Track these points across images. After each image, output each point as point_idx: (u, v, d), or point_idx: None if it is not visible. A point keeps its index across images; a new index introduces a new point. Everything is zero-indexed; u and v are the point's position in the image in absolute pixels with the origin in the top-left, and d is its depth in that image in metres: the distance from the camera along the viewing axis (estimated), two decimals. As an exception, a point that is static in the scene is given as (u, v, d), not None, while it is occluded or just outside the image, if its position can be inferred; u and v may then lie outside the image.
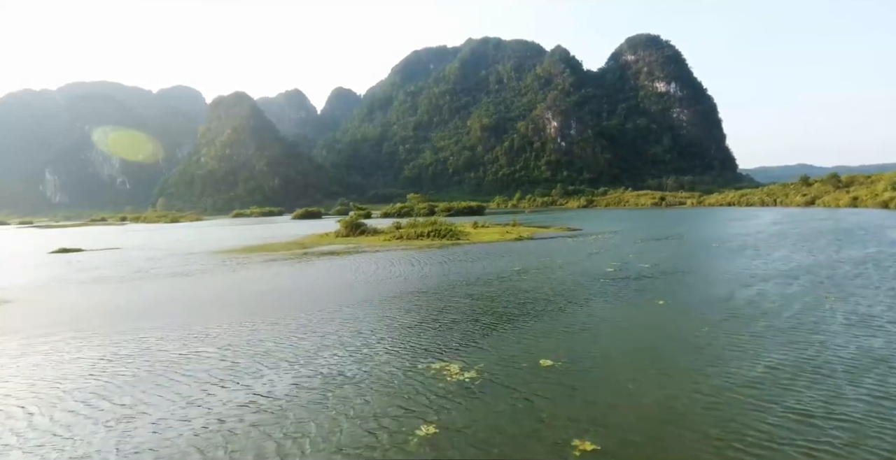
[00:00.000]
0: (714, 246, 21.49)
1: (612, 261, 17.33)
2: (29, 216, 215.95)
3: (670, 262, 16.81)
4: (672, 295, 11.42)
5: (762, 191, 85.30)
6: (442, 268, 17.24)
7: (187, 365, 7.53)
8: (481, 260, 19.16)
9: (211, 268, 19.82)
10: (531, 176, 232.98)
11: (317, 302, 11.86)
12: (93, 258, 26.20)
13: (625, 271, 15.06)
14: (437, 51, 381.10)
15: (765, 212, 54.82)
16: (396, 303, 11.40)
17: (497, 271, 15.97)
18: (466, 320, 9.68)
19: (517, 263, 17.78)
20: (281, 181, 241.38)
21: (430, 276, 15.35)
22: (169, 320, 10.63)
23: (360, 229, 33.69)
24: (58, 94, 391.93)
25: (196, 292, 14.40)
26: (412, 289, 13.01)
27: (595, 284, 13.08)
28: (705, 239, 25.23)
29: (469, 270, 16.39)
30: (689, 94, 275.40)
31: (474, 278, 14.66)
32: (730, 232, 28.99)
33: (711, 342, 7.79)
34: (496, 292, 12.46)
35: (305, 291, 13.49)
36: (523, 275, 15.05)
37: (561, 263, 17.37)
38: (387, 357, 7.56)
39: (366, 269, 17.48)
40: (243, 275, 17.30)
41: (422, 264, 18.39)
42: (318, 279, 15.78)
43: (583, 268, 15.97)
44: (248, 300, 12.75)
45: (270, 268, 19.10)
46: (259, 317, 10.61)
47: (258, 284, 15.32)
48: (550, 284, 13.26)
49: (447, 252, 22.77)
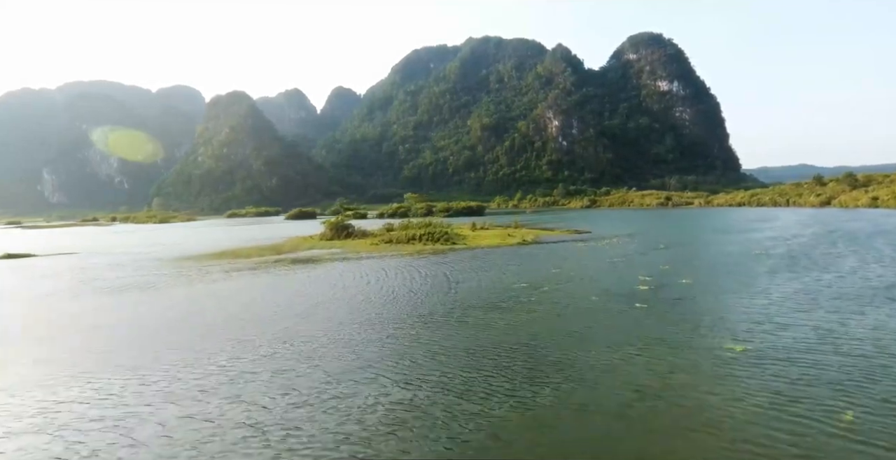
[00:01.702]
0: (756, 253, 18.23)
1: (641, 274, 14.10)
2: (26, 216, 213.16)
3: (715, 277, 13.57)
4: (749, 334, 8.02)
5: (773, 190, 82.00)
6: (432, 282, 14.04)
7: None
8: (481, 270, 15.95)
9: (163, 280, 16.66)
10: (532, 176, 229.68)
11: (250, 335, 8.66)
12: (37, 265, 23.02)
13: (663, 290, 11.83)
14: (438, 50, 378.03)
15: (782, 213, 51.56)
16: (362, 344, 8.16)
17: (501, 287, 12.75)
18: (472, 384, 6.30)
19: (524, 275, 14.56)
20: (279, 181, 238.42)
21: (416, 294, 12.15)
22: (42, 368, 7.46)
23: (347, 231, 30.49)
24: (57, 94, 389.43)
25: (110, 317, 11.20)
26: (390, 315, 9.82)
27: (633, 312, 9.82)
28: (739, 244, 21.95)
29: (466, 286, 13.17)
30: (691, 93, 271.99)
31: (473, 298, 11.44)
32: (760, 235, 25.74)
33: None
34: (506, 323, 9.22)
35: (246, 317, 10.30)
36: (534, 293, 11.82)
37: (579, 276, 14.14)
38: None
39: (338, 282, 14.29)
40: (189, 292, 14.10)
41: (409, 276, 15.19)
42: (274, 297, 12.58)
43: (609, 284, 12.73)
44: (164, 331, 9.55)
45: (229, 280, 15.93)
46: (151, 363, 7.42)
47: (198, 304, 12.14)
48: (575, 312, 9.99)
49: (441, 259, 19.58)
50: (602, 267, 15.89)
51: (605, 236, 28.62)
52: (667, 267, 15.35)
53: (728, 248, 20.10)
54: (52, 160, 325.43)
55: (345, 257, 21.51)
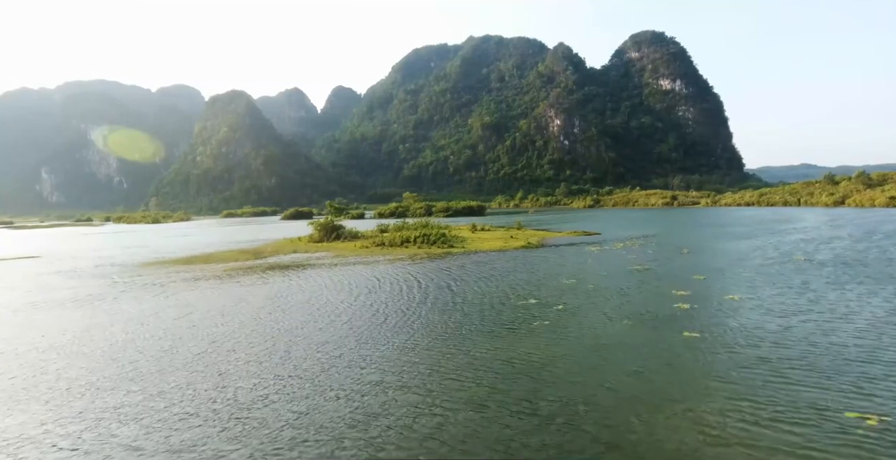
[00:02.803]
0: (800, 259, 15.75)
1: (675, 287, 11.65)
2: (23, 216, 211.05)
3: (768, 291, 11.09)
4: (888, 392, 5.64)
5: (783, 190, 79.40)
6: (424, 295, 11.61)
7: None
8: (482, 280, 13.51)
9: (111, 291, 14.29)
10: (533, 175, 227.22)
11: (156, 390, 6.23)
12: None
13: (710, 310, 9.36)
14: (438, 49, 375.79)
15: (799, 213, 49.02)
16: (321, 407, 5.71)
17: (508, 305, 10.31)
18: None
19: (534, 287, 12.11)
20: (278, 180, 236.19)
21: (404, 314, 9.72)
22: None
23: (336, 233, 28.06)
24: (56, 93, 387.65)
25: (17, 346, 8.80)
26: (367, 353, 7.40)
27: (687, 346, 7.34)
28: (773, 248, 19.43)
29: (463, 303, 10.72)
30: (694, 92, 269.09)
31: (473, 322, 8.99)
32: (791, 238, 23.24)
33: None
34: (519, 364, 6.76)
35: (170, 355, 7.88)
36: (550, 314, 9.37)
37: (601, 290, 11.67)
38: None
39: (309, 298, 11.86)
40: (124, 310, 11.67)
41: (396, 288, 12.75)
42: (228, 318, 10.15)
43: (640, 302, 10.26)
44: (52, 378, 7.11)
45: (183, 292, 13.51)
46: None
47: (130, 329, 9.71)
48: (609, 345, 7.48)
49: (437, 266, 17.15)
50: (625, 277, 13.42)
51: (617, 238, 26.15)
52: (701, 277, 12.89)
53: (763, 253, 17.61)
54: (50, 160, 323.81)
55: (328, 263, 19.08)
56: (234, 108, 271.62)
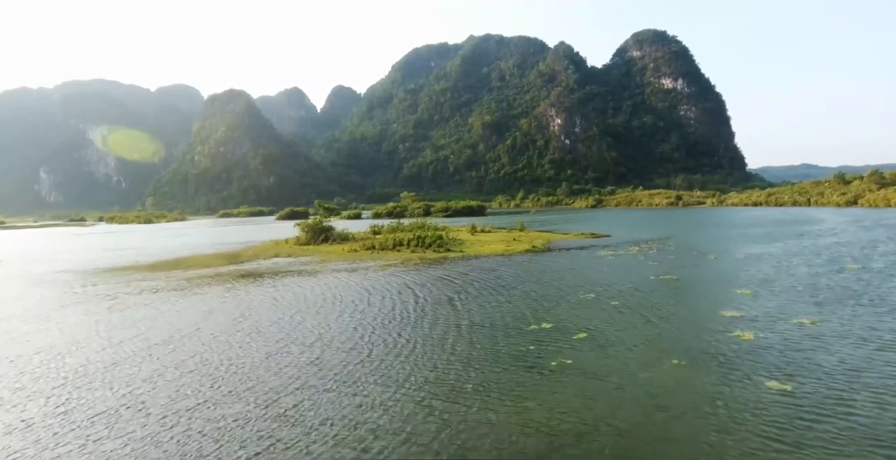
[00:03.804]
0: (853, 268, 13.59)
1: (722, 306, 9.51)
2: (21, 215, 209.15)
3: (847, 313, 8.94)
4: None
5: (792, 189, 77.22)
6: (415, 316, 9.51)
7: None
8: (482, 294, 11.39)
9: (61, 304, 12.27)
10: (534, 175, 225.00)
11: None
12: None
13: (782, 340, 7.20)
14: (438, 48, 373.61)
15: (814, 213, 46.84)
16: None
17: (515, 331, 8.17)
18: None
19: (545, 305, 9.98)
20: (276, 180, 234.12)
21: (390, 345, 7.63)
22: None
23: (325, 235, 25.95)
24: (55, 93, 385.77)
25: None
26: (337, 418, 5.32)
27: (780, 404, 5.21)
28: (813, 253, 17.26)
29: (459, 326, 8.62)
30: (696, 91, 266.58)
31: (470, 358, 6.89)
32: (824, 241, 21.07)
33: None
34: (543, 439, 4.65)
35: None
36: (569, 346, 7.23)
37: (628, 308, 9.53)
38: None
39: (278, 319, 9.76)
40: (58, 334, 9.61)
41: (385, 304, 10.66)
42: (166, 352, 8.06)
43: (683, 327, 8.04)
44: None
45: (137, 307, 11.45)
46: None
47: (33, 366, 7.63)
48: (660, 402, 5.31)
49: (431, 273, 15.06)
50: (653, 290, 11.28)
51: (629, 241, 24.02)
52: (747, 291, 10.77)
53: (805, 260, 15.47)
54: (49, 159, 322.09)
55: (311, 270, 16.98)
56: (233, 108, 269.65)
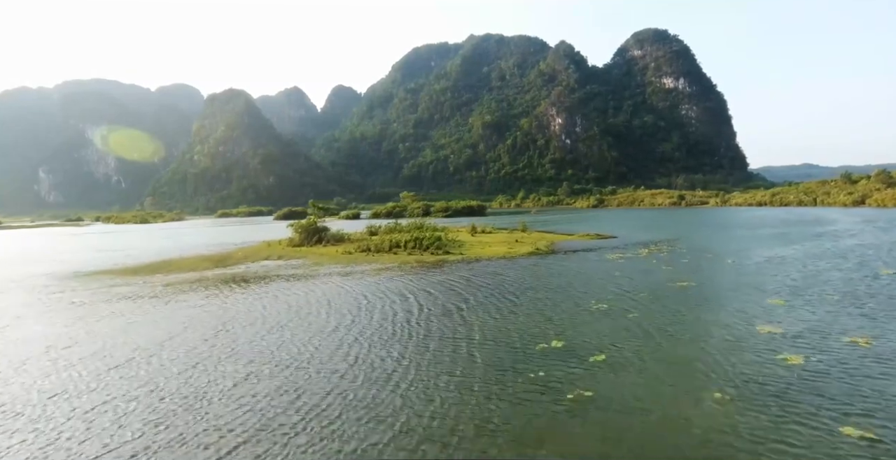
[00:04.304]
0: (892, 273, 12.51)
1: (757, 319, 8.41)
2: (20, 215, 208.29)
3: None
4: None
5: (797, 189, 76.07)
6: (407, 330, 8.43)
7: None
8: (483, 305, 10.30)
9: (24, 314, 11.22)
10: (535, 174, 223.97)
11: None
12: None
13: (851, 373, 6.01)
14: (439, 47, 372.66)
15: (821, 213, 45.71)
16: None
17: (522, 352, 7.06)
18: None
19: (555, 318, 8.89)
20: (276, 180, 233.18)
21: (377, 369, 6.55)
22: None
23: (319, 236, 24.88)
24: (54, 92, 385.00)
25: None
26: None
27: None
28: (840, 256, 16.11)
29: (456, 344, 7.54)
30: (698, 91, 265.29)
31: (482, 384, 5.82)
32: (846, 243, 19.92)
33: None
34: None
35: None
36: (587, 373, 6.14)
37: (650, 323, 8.42)
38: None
39: (254, 336, 8.69)
40: (8, 353, 8.55)
41: (367, 317, 9.59)
42: (123, 375, 7.01)
43: (722, 353, 6.79)
44: None
45: (107, 318, 10.42)
46: None
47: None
48: (718, 457, 4.26)
49: (428, 279, 14.00)
50: (673, 300, 10.17)
51: (636, 242, 22.92)
52: (780, 301, 9.66)
53: (834, 264, 14.35)
54: (48, 159, 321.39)
55: (301, 274, 15.92)
56: (233, 107, 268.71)
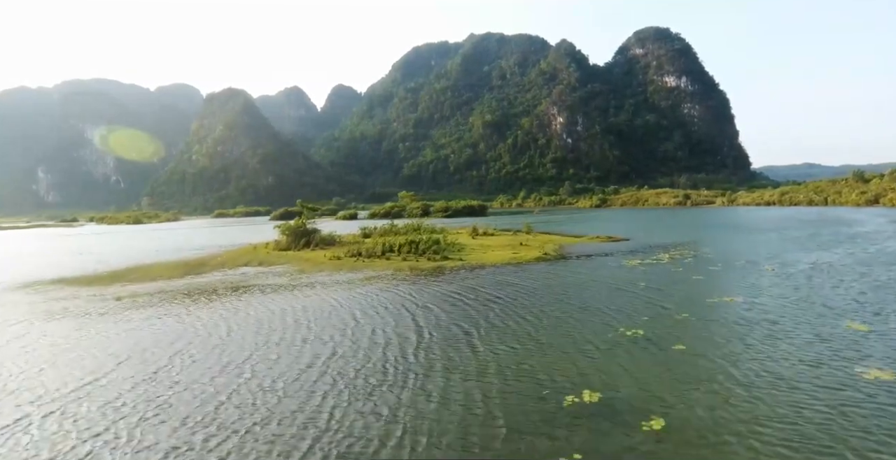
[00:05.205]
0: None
1: (833, 347, 6.56)
2: (19, 215, 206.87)
3: None
4: None
5: (808, 188, 74.05)
6: (399, 377, 6.59)
7: None
8: (497, 327, 8.43)
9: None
10: (536, 174, 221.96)
11: None
12: None
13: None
14: (439, 46, 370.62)
15: (836, 213, 43.80)
16: None
17: (553, 412, 5.23)
18: None
19: (580, 350, 7.03)
20: (275, 179, 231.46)
21: (354, 431, 4.78)
22: None
23: (307, 239, 23.01)
24: (54, 92, 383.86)
25: None
26: None
27: None
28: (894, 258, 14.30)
29: (460, 394, 5.71)
30: (700, 89, 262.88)
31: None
32: (893, 246, 18.08)
33: None
34: None
35: None
36: (636, 449, 4.31)
37: (704, 359, 6.55)
38: None
39: (205, 374, 6.90)
40: None
41: (351, 341, 7.76)
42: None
43: (818, 403, 5.00)
44: None
45: (36, 345, 8.59)
46: None
47: None
48: None
49: (426, 292, 12.14)
50: (728, 326, 8.18)
51: (652, 246, 21.03)
52: (860, 326, 7.78)
53: (895, 271, 12.48)
54: (47, 159, 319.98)
55: (281, 283, 14.07)
56: (232, 107, 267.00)
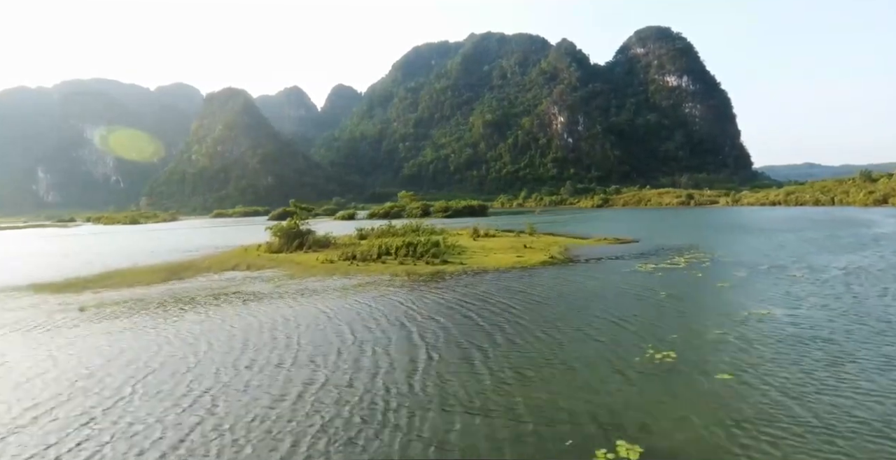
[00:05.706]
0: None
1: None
2: (18, 215, 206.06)
3: None
4: None
5: (814, 188, 72.91)
6: (401, 419, 5.50)
7: None
8: (489, 346, 7.35)
9: None
10: (536, 173, 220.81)
11: None
12: None
13: None
14: (439, 46, 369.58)
15: (845, 213, 42.70)
16: None
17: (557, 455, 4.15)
18: None
19: (600, 381, 5.96)
20: (275, 179, 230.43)
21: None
22: None
23: (300, 241, 21.92)
24: (54, 92, 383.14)
25: None
26: None
27: None
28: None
29: (462, 433, 4.60)
30: (701, 89, 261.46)
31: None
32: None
33: None
34: None
35: None
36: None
37: (754, 391, 5.48)
38: None
39: (169, 395, 5.86)
40: None
41: (346, 371, 6.81)
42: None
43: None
44: None
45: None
46: None
47: None
48: None
49: (425, 302, 11.05)
50: (773, 344, 7.08)
51: (665, 248, 19.91)
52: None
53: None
54: (47, 159, 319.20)
55: (267, 291, 12.98)
56: (231, 106, 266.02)
